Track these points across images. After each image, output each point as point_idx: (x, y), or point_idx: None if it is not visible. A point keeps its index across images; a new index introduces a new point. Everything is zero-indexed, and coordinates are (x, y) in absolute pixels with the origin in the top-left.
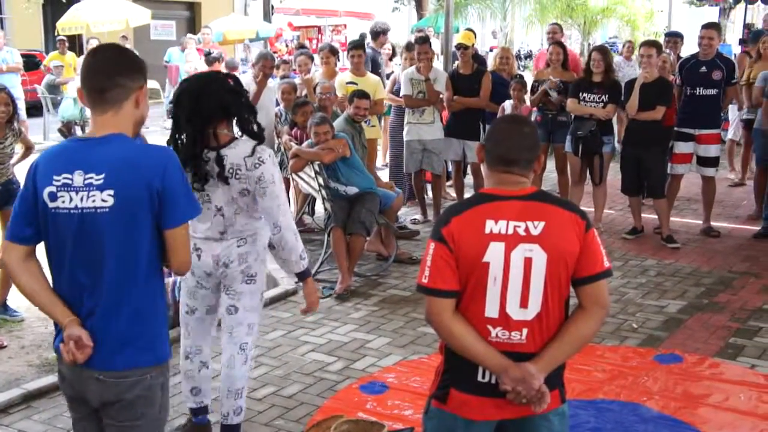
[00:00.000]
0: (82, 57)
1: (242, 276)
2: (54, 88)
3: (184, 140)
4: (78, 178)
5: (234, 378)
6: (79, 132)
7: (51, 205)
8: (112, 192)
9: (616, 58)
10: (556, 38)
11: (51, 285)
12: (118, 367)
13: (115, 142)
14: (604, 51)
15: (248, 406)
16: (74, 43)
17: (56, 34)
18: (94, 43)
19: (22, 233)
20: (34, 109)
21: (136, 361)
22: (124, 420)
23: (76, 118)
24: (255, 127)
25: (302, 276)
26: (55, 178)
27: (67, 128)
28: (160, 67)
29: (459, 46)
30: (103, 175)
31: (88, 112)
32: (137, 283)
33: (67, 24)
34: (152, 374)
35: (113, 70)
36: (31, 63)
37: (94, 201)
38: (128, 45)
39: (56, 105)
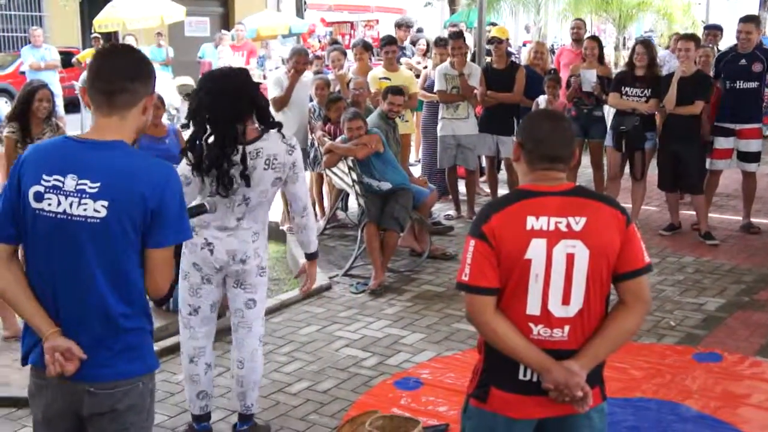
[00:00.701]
0: None
1: (257, 269)
2: None
3: (210, 141)
4: (70, 182)
5: (257, 370)
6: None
7: (35, 205)
8: (105, 203)
9: (662, 52)
10: (579, 34)
11: (31, 289)
12: (109, 378)
13: (116, 149)
14: (647, 44)
15: (283, 401)
16: (109, 40)
17: (92, 31)
18: (129, 40)
19: (4, 231)
20: (72, 105)
21: (126, 372)
22: (113, 431)
23: None
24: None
25: (313, 256)
26: (44, 177)
27: None
28: (194, 62)
29: (493, 41)
30: (98, 184)
31: None
32: (122, 294)
33: (104, 21)
34: (143, 381)
35: (126, 74)
36: (68, 60)
37: (85, 209)
38: (163, 42)
39: None
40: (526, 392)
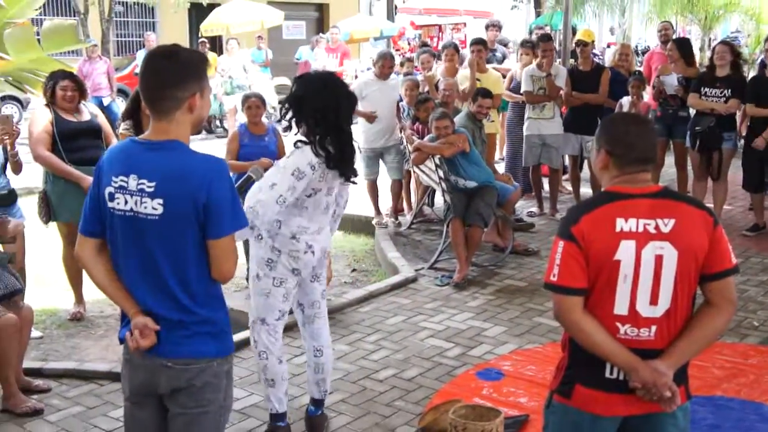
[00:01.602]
0: (222, 57)
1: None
2: None
3: (340, 142)
4: (132, 182)
5: (332, 357)
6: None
7: (109, 204)
8: (161, 201)
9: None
10: (667, 36)
11: (117, 277)
12: (185, 355)
13: (169, 149)
14: (729, 45)
15: (370, 387)
16: (214, 43)
17: (199, 36)
18: (232, 44)
19: (91, 228)
20: None
21: (200, 351)
22: (193, 407)
23: (215, 113)
24: None
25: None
26: (113, 179)
27: (207, 121)
28: (291, 64)
29: (579, 43)
30: (154, 183)
31: (226, 106)
32: (185, 285)
33: (210, 26)
34: (218, 361)
35: (161, 83)
36: None
37: (145, 207)
38: (263, 44)
39: None
40: (612, 390)
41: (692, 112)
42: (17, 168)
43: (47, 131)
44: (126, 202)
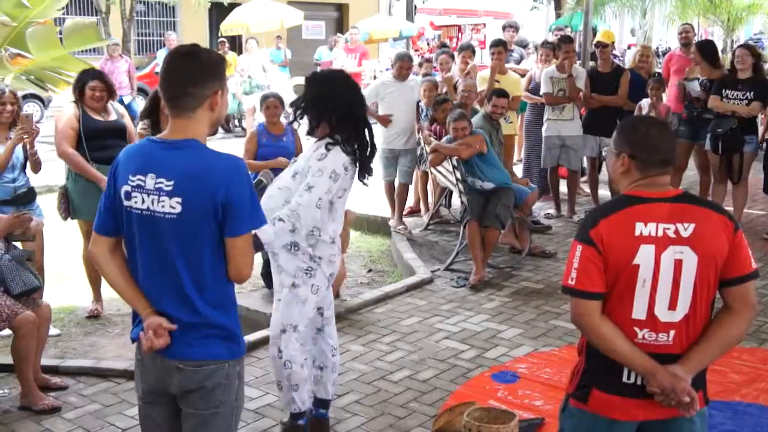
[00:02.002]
0: (241, 56)
1: None
2: None
3: (370, 138)
4: (150, 181)
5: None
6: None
7: (126, 203)
8: (180, 200)
9: None
10: (688, 38)
11: (131, 276)
12: (197, 356)
13: (187, 148)
14: (749, 47)
15: (384, 388)
16: (234, 43)
17: (219, 35)
18: (252, 43)
19: (106, 226)
20: None
21: (212, 353)
22: (204, 408)
23: (234, 112)
24: None
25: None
26: (130, 178)
27: (226, 121)
28: (310, 63)
29: (598, 44)
30: (173, 182)
31: (245, 106)
32: (206, 283)
33: (230, 26)
34: (230, 363)
35: (184, 81)
36: None
37: (163, 206)
38: (281, 44)
39: None
40: (629, 395)
41: None
42: (36, 167)
43: (73, 128)
44: (143, 201)
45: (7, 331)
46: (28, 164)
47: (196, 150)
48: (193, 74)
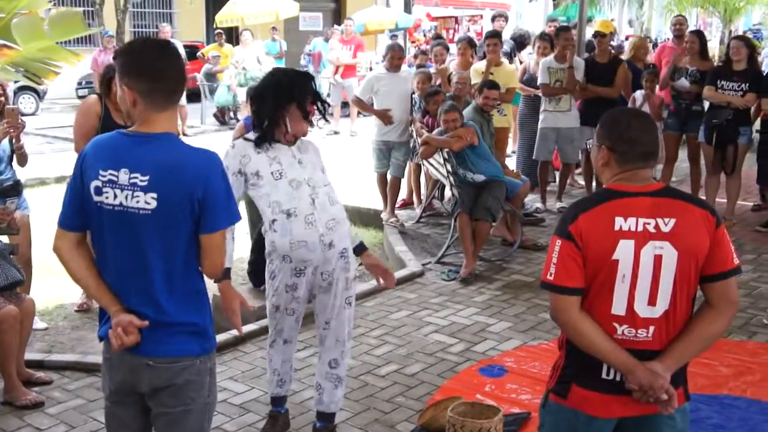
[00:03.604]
0: (236, 48)
1: None
2: (211, 77)
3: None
4: (123, 176)
5: None
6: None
7: (96, 198)
8: (155, 195)
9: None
10: (681, 30)
11: (99, 273)
12: (168, 353)
13: (164, 141)
14: (744, 39)
15: (371, 383)
16: (230, 34)
17: (214, 27)
18: (246, 35)
19: (71, 221)
20: (194, 96)
21: (182, 350)
22: (175, 406)
23: (229, 104)
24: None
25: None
26: (101, 172)
27: (221, 113)
28: (306, 55)
29: (597, 34)
30: (148, 177)
31: (239, 98)
32: (178, 279)
33: (225, 17)
34: (201, 359)
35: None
36: (194, 53)
37: (137, 201)
38: (277, 36)
39: (212, 92)
40: (608, 391)
41: (706, 106)
42: (23, 160)
43: (93, 126)
44: (115, 197)
45: None
46: (14, 158)
47: (172, 144)
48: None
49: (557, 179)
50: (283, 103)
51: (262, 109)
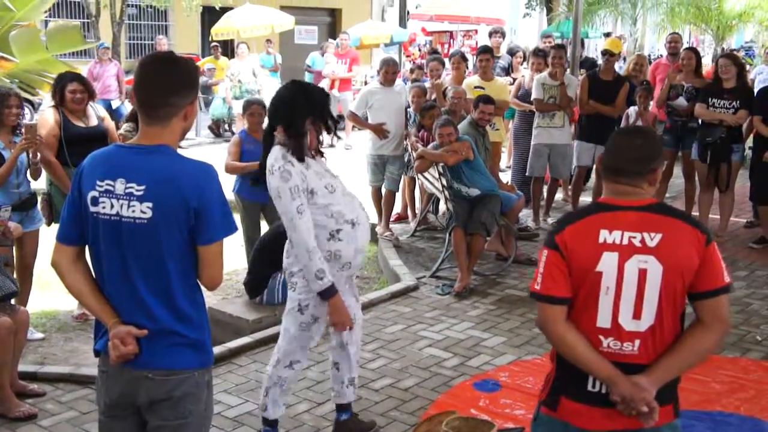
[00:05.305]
0: (232, 60)
1: None
2: (206, 89)
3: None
4: (120, 186)
5: None
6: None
7: (92, 209)
8: (151, 205)
9: (761, 66)
10: (676, 48)
11: (97, 287)
12: (166, 365)
13: (160, 153)
14: (732, 57)
15: (365, 396)
16: (226, 47)
17: (210, 39)
18: (243, 48)
19: (69, 235)
20: None
21: (180, 362)
22: (173, 418)
23: (224, 116)
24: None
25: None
26: (98, 183)
27: (216, 126)
28: (302, 69)
29: (605, 53)
30: (144, 187)
31: (235, 110)
32: (175, 291)
33: (220, 30)
34: (199, 372)
35: (165, 90)
36: None
37: (133, 211)
38: (271, 49)
39: (208, 104)
40: (594, 403)
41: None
42: (36, 174)
43: (55, 135)
44: (112, 206)
45: None
46: (28, 170)
47: (168, 155)
48: (174, 84)
49: (545, 195)
50: (314, 118)
51: (297, 124)
